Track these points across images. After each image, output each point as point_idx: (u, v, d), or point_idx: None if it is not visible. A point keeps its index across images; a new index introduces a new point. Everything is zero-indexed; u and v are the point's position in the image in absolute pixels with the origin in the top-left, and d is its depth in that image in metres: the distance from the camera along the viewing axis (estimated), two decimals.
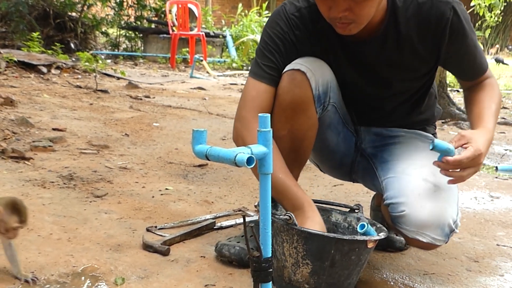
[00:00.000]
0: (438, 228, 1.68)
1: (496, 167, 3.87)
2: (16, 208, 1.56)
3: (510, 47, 21.05)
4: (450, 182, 1.64)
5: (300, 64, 1.73)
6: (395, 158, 1.86)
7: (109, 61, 9.00)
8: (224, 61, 10.12)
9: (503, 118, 6.24)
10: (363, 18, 1.61)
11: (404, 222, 1.70)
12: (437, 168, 1.77)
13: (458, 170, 1.60)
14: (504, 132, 5.33)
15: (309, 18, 1.76)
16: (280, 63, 1.77)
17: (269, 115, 1.31)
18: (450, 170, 1.60)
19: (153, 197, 2.49)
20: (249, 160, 1.20)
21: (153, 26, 10.58)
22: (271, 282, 1.34)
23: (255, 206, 1.82)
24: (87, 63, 6.17)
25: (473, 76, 1.87)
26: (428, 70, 1.83)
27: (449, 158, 1.56)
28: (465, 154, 1.56)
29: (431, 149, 1.55)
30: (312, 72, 1.73)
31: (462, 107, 6.22)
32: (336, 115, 1.87)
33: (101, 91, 5.56)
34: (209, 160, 1.27)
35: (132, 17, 10.77)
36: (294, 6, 1.78)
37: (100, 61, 6.68)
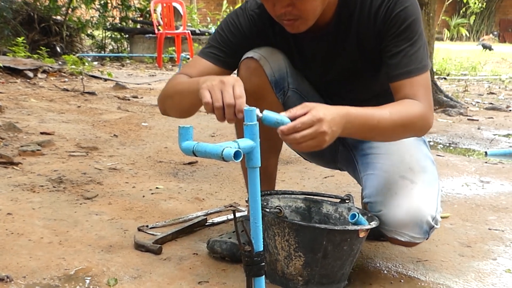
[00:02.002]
0: (416, 226, 1.67)
1: (486, 152, 3.89)
2: None
3: (495, 33, 21.16)
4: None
5: (253, 52, 1.76)
6: (374, 152, 1.82)
7: (95, 63, 8.94)
8: None
9: (491, 103, 6.27)
10: (308, 13, 1.58)
11: (382, 221, 1.69)
12: (415, 162, 1.75)
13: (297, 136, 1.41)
14: (492, 117, 5.35)
15: (269, 14, 1.74)
16: (227, 51, 1.77)
17: (255, 108, 1.31)
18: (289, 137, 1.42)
19: (143, 196, 2.48)
20: (236, 154, 1.20)
21: (138, 26, 10.53)
22: (264, 276, 1.33)
23: (246, 201, 1.82)
24: (73, 66, 6.12)
25: (393, 76, 1.65)
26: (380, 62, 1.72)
27: (283, 127, 1.40)
28: (300, 119, 1.40)
29: (261, 122, 1.39)
30: (266, 59, 1.75)
31: (450, 94, 6.25)
32: (302, 102, 1.86)
33: (89, 93, 5.53)
34: (196, 156, 1.27)
35: (117, 18, 10.70)
36: (255, 3, 1.77)
37: (86, 64, 6.62)
